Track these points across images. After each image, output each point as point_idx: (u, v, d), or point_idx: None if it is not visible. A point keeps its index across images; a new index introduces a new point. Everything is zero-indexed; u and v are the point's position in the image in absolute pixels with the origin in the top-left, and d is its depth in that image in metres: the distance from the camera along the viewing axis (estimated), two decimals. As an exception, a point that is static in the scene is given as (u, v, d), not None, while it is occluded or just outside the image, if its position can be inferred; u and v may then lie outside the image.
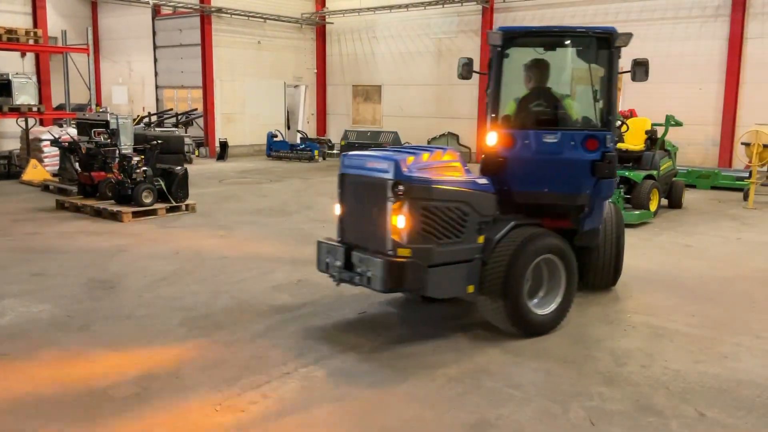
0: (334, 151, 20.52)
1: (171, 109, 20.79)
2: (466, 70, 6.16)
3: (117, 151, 10.66)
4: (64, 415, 3.88)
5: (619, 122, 10.91)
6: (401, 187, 4.74)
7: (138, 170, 10.11)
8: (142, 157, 10.45)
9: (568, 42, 6.05)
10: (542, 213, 5.62)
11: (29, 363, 4.65)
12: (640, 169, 10.78)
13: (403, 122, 20.33)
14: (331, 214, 10.04)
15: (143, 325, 5.43)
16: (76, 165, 11.29)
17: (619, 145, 10.89)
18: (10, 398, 4.08)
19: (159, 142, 10.74)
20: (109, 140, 10.99)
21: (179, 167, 10.70)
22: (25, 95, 14.30)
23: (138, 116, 19.07)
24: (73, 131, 13.29)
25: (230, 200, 11.89)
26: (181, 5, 19.14)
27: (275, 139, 20.25)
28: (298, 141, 20.60)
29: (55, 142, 11.99)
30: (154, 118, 19.65)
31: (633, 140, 11.13)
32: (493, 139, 5.57)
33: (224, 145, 19.11)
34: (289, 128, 22.03)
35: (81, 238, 8.56)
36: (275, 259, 7.68)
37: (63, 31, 16.01)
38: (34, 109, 14.44)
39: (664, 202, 11.37)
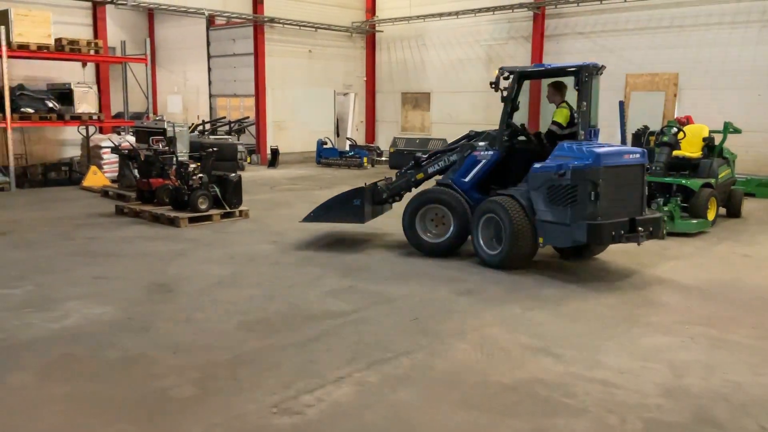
0: (383, 159, 20.62)
1: (224, 117, 21.24)
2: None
3: (174, 159, 10.95)
4: (126, 415, 4.00)
5: (675, 129, 10.73)
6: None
7: (194, 177, 10.36)
8: (198, 164, 10.71)
9: None
10: None
11: (92, 363, 4.81)
12: (697, 177, 10.52)
13: (452, 129, 20.21)
14: (379, 220, 10.10)
15: (201, 327, 5.57)
16: (135, 172, 11.63)
17: (676, 153, 10.68)
18: (74, 397, 4.24)
19: (214, 149, 10.99)
20: (166, 148, 11.29)
21: (233, 174, 10.92)
22: (85, 104, 14.82)
23: (192, 124, 19.53)
24: (131, 139, 13.70)
25: (282, 206, 12.07)
26: (235, 15, 19.56)
27: (325, 146, 20.47)
28: (348, 148, 20.77)
29: (114, 149, 12.38)
30: (207, 126, 20.09)
31: (690, 148, 10.88)
32: None
33: (275, 153, 19.41)
34: (338, 136, 22.24)
35: (140, 243, 8.82)
36: (326, 264, 7.77)
37: (122, 42, 16.56)
38: (95, 117, 14.95)
39: (722, 211, 11.07)
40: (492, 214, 7.50)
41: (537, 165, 7.28)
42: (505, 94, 7.99)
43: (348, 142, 21.38)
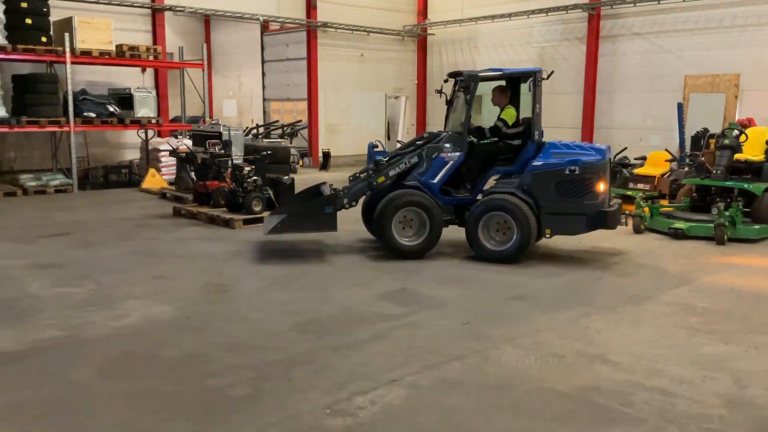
0: (434, 161, 20.57)
1: (277, 121, 21.54)
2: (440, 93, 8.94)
3: (229, 162, 11.16)
4: (184, 412, 4.10)
5: (737, 132, 10.40)
6: None
7: (248, 180, 10.55)
8: (253, 167, 10.89)
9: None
10: None
11: (151, 360, 4.94)
12: (760, 181, 10.16)
13: (504, 132, 20.12)
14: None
15: (255, 327, 5.66)
16: (192, 174, 11.90)
17: (737, 156, 10.34)
18: (135, 393, 4.35)
19: (268, 152, 11.16)
20: (222, 151, 11.52)
21: (286, 177, 11.07)
22: (145, 108, 15.23)
23: (247, 128, 19.87)
24: (188, 142, 14.03)
25: (333, 209, 12.15)
26: (289, 21, 19.82)
27: (376, 149, 20.47)
28: (398, 151, 20.76)
29: (173, 152, 12.69)
30: (261, 130, 20.41)
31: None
32: None
33: (327, 156, 19.58)
34: (389, 139, 22.28)
35: (196, 244, 9.01)
36: (377, 266, 7.80)
37: (180, 48, 16.97)
38: (153, 121, 15.36)
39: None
40: (499, 211, 7.84)
41: (537, 163, 7.91)
42: (449, 98, 8.75)
43: (398, 145, 21.36)
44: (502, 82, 8.84)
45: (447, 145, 8.22)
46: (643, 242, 9.44)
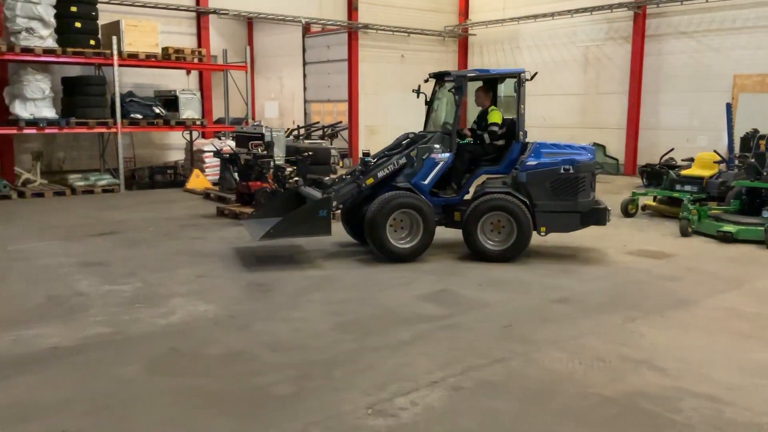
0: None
1: (318, 122, 21.68)
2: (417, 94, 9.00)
3: (271, 162, 11.28)
4: (229, 409, 4.15)
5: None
6: None
7: (290, 180, 10.64)
8: (294, 167, 10.98)
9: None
10: None
11: (197, 358, 5.02)
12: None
13: (546, 133, 19.76)
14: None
15: (297, 327, 5.70)
16: (235, 175, 12.05)
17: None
18: (180, 390, 4.43)
19: (309, 153, 11.24)
20: (264, 152, 11.64)
21: (327, 177, 11.12)
22: (190, 110, 15.48)
23: (288, 129, 20.05)
24: (232, 143, 14.22)
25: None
26: (331, 22, 19.95)
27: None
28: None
29: (217, 153, 12.88)
30: (302, 131, 20.58)
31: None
32: None
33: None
34: (429, 140, 22.22)
35: (239, 243, 9.12)
36: (418, 267, 7.79)
37: (224, 50, 17.21)
38: (198, 122, 15.61)
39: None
40: (500, 211, 7.91)
41: (532, 163, 8.04)
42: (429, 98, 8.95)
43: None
44: (482, 83, 8.97)
45: (437, 146, 8.21)
46: (690, 245, 9.23)
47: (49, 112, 13.67)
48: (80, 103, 14.05)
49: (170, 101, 15.44)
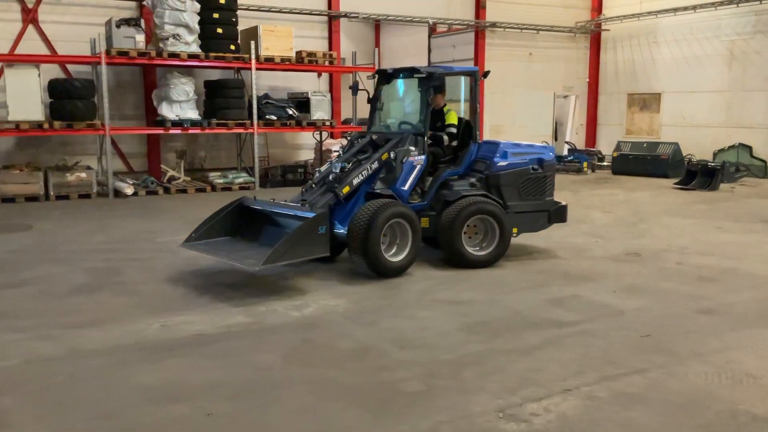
0: (604, 163, 19.71)
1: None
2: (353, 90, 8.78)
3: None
4: (361, 402, 4.24)
5: None
6: None
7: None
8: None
9: None
10: None
11: (329, 350, 5.17)
12: None
13: (685, 132, 18.80)
14: (602, 229, 9.65)
15: (424, 325, 5.73)
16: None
17: None
18: (314, 381, 4.57)
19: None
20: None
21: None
22: (320, 111, 16.00)
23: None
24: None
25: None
26: (458, 22, 19.89)
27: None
28: (566, 152, 20.13)
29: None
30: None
31: None
32: None
33: (492, 157, 19.37)
34: (556, 139, 21.63)
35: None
36: (547, 270, 7.60)
37: (353, 53, 17.63)
38: (327, 123, 16.11)
39: None
40: (484, 215, 7.62)
41: (503, 163, 7.96)
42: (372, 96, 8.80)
43: (566, 146, 20.72)
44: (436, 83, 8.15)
45: (412, 149, 7.65)
46: None
47: (192, 114, 14.60)
48: (220, 105, 14.91)
49: (302, 102, 16.02)
